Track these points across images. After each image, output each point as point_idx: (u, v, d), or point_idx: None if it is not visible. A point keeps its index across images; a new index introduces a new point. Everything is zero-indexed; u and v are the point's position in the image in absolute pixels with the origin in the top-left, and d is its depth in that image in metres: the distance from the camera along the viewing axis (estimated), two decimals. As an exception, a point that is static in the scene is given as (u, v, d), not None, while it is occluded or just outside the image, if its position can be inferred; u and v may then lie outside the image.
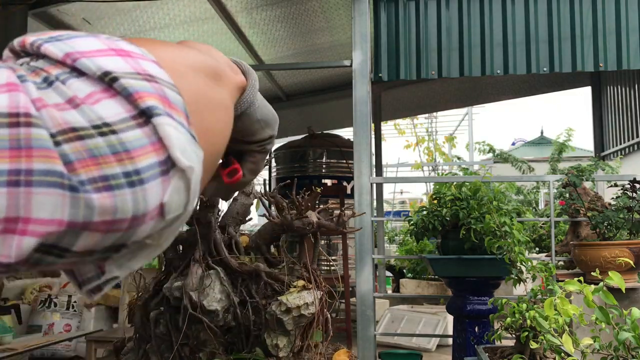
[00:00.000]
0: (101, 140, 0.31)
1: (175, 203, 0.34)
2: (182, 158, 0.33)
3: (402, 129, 12.28)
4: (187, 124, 0.35)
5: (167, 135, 0.33)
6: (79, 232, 0.30)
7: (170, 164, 0.33)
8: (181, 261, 1.31)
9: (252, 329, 1.31)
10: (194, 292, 1.23)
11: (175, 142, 0.33)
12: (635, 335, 1.46)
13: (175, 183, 0.34)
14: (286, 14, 4.82)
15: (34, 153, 0.29)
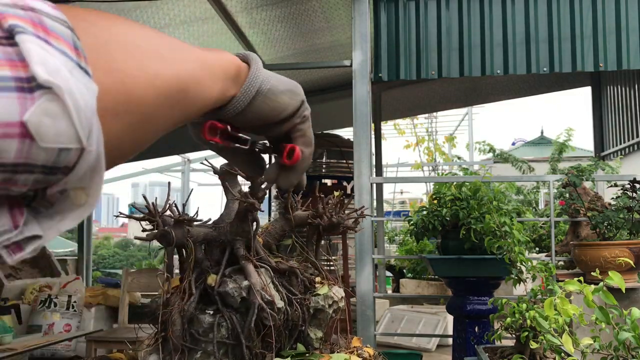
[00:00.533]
0: None
1: (50, 129, 0.33)
2: (44, 73, 0.32)
3: (402, 129, 12.28)
4: (75, 55, 0.34)
5: (27, 50, 0.32)
6: None
7: (35, 84, 0.32)
8: (210, 262, 1.30)
9: (300, 324, 1.33)
10: (264, 292, 1.23)
11: (36, 57, 0.32)
12: (635, 335, 1.46)
13: (43, 104, 0.32)
14: (286, 14, 4.82)
15: None
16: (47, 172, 0.35)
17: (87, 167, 0.36)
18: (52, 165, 0.34)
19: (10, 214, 0.36)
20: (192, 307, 1.22)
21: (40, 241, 0.37)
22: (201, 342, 1.21)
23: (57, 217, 0.37)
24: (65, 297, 5.20)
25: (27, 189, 0.35)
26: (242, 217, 1.28)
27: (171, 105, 0.47)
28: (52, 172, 0.35)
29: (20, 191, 0.35)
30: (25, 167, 0.33)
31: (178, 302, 1.21)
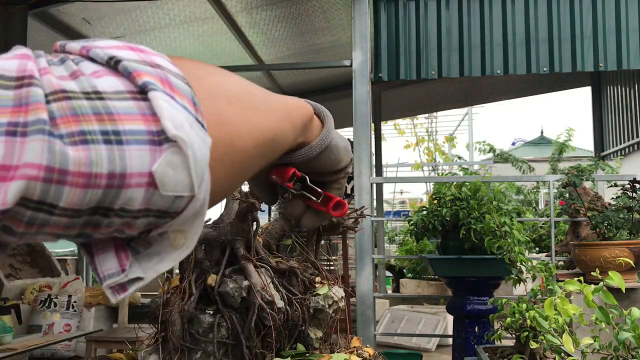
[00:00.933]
0: (86, 102, 0.33)
1: (172, 179, 0.35)
2: (173, 128, 0.34)
3: (402, 129, 12.28)
4: (194, 110, 0.37)
5: (159, 106, 0.34)
6: (60, 185, 0.32)
7: (163, 138, 0.34)
8: (210, 262, 1.29)
9: (300, 324, 1.33)
10: (264, 292, 1.23)
11: (166, 113, 0.34)
12: (635, 335, 1.46)
13: (168, 156, 0.35)
14: (286, 14, 4.82)
15: (30, 108, 0.31)
16: (159, 216, 0.37)
17: (193, 212, 0.38)
18: (165, 210, 0.37)
19: (117, 257, 0.38)
20: (192, 307, 1.22)
21: (141, 282, 0.39)
22: (201, 342, 1.21)
23: (155, 258, 0.39)
24: (65, 297, 5.20)
25: (137, 232, 0.37)
26: (242, 217, 1.28)
27: (263, 154, 0.49)
28: (163, 216, 0.37)
29: (131, 234, 0.38)
30: (145, 212, 0.36)
31: (178, 302, 1.21)
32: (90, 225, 0.35)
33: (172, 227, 0.39)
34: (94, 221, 0.35)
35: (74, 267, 7.54)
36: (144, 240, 0.39)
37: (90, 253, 0.39)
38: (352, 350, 1.46)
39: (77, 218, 0.34)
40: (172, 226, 0.38)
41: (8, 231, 0.34)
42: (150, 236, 0.39)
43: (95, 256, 0.39)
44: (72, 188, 0.32)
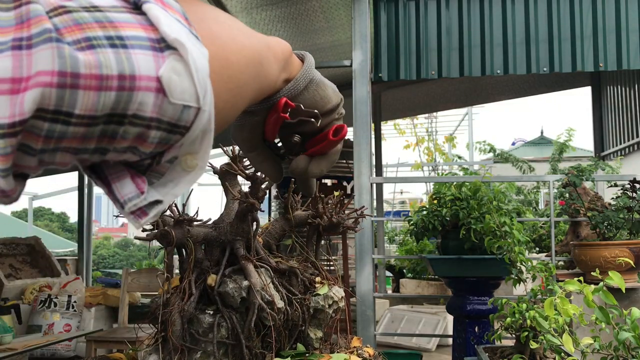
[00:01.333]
0: (86, 14, 0.34)
1: (177, 86, 0.36)
2: (171, 33, 0.36)
3: (402, 129, 12.28)
4: (187, 24, 0.38)
5: (155, 16, 0.36)
6: (74, 89, 0.32)
7: (164, 45, 0.36)
8: (210, 262, 1.29)
9: (300, 324, 1.33)
10: (264, 292, 1.24)
11: (163, 21, 0.36)
12: (635, 335, 1.46)
13: (171, 62, 0.36)
14: (286, 14, 4.82)
15: (32, 22, 0.32)
16: (169, 130, 0.38)
17: (201, 128, 0.40)
18: (175, 122, 0.38)
19: (134, 182, 0.40)
20: (192, 307, 1.22)
21: (161, 206, 0.41)
22: (201, 342, 1.21)
23: (169, 184, 0.41)
24: (65, 297, 5.20)
25: (150, 151, 0.39)
26: (242, 217, 1.28)
27: (254, 76, 0.52)
28: (174, 131, 0.38)
29: (144, 152, 0.39)
30: (156, 122, 0.37)
31: (178, 302, 1.21)
32: (106, 136, 0.36)
33: (182, 148, 0.40)
34: (110, 131, 0.36)
35: (74, 267, 7.54)
36: (156, 171, 0.41)
37: (107, 183, 0.40)
38: (352, 350, 1.46)
39: (93, 127, 0.35)
40: (182, 147, 0.40)
41: (26, 151, 0.34)
42: (161, 165, 0.41)
43: (112, 184, 0.40)
44: (86, 92, 0.33)
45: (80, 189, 7.85)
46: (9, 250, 6.12)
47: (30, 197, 13.94)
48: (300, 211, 1.49)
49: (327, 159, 0.70)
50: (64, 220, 30.59)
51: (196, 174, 0.42)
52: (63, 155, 0.36)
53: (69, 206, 33.16)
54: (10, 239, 6.29)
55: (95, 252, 19.58)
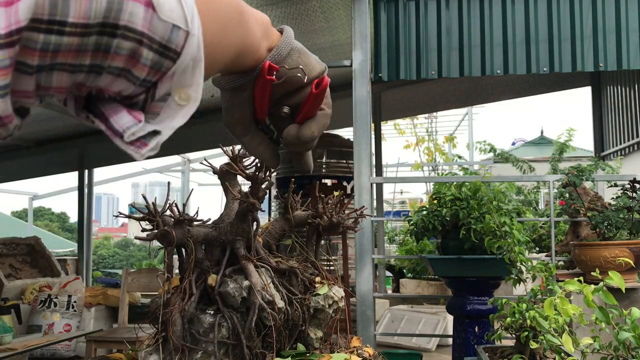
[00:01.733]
0: None
1: (166, 3, 0.38)
2: None
3: (402, 129, 12.27)
4: None
5: None
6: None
7: None
8: (210, 261, 1.30)
9: (300, 324, 1.33)
10: (265, 291, 1.24)
11: None
12: (635, 335, 1.46)
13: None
14: (286, 14, 4.82)
15: None
16: (161, 52, 0.39)
17: (191, 55, 0.41)
18: (166, 43, 0.39)
19: (131, 114, 0.41)
20: (193, 307, 1.22)
21: (160, 137, 0.42)
22: (202, 342, 1.21)
23: (166, 120, 0.42)
24: (65, 297, 5.20)
25: (143, 76, 0.40)
26: (242, 216, 1.28)
27: (237, 23, 0.53)
28: (165, 54, 0.39)
29: (138, 77, 0.40)
30: (148, 39, 0.38)
31: (179, 302, 1.21)
32: (100, 51, 0.37)
33: (175, 79, 0.41)
34: (104, 44, 0.37)
35: (74, 267, 7.55)
36: (152, 112, 0.42)
37: (104, 118, 0.41)
38: (352, 350, 1.46)
39: (87, 37, 0.36)
40: (175, 77, 0.41)
41: (23, 69, 0.35)
42: (156, 104, 0.42)
43: (109, 118, 0.41)
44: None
45: (80, 189, 7.86)
46: (9, 250, 6.12)
47: (30, 197, 13.94)
48: (300, 211, 1.50)
49: (317, 121, 0.69)
50: (64, 220, 30.59)
51: (190, 107, 0.42)
52: (60, 76, 0.37)
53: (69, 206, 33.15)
54: (10, 239, 6.29)
55: (95, 252, 19.59)
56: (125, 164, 9.48)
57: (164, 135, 0.42)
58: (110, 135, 0.42)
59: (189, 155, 11.62)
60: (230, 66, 0.57)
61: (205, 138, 7.20)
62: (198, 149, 7.81)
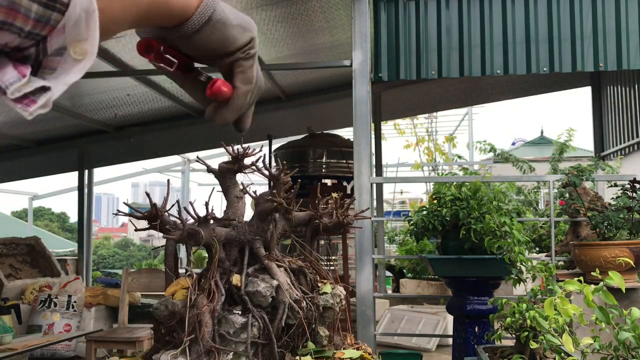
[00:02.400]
0: None
1: None
2: None
3: (402, 129, 12.27)
4: None
5: None
6: None
7: None
8: (229, 261, 1.30)
9: (312, 322, 1.34)
10: (291, 290, 1.24)
11: None
12: (635, 335, 1.46)
13: None
14: (286, 14, 4.82)
15: None
16: (45, 3, 0.38)
17: (82, 5, 0.39)
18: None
19: (16, 69, 0.40)
20: (220, 308, 1.22)
21: (50, 93, 0.40)
22: (232, 342, 1.21)
23: (61, 76, 0.41)
24: (65, 297, 5.20)
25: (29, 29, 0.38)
26: (264, 216, 1.29)
27: None
28: (51, 6, 0.38)
29: (23, 30, 0.38)
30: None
31: (206, 303, 1.21)
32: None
33: (68, 33, 0.40)
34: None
35: (74, 267, 7.54)
36: (48, 67, 0.41)
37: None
38: (358, 347, 1.47)
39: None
40: (67, 31, 0.40)
41: None
42: (51, 59, 0.41)
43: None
44: None
45: (80, 189, 7.85)
46: (9, 250, 6.12)
47: (30, 197, 13.93)
48: (296, 212, 1.50)
49: (228, 109, 0.67)
50: (64, 220, 30.59)
51: (87, 62, 0.41)
52: None
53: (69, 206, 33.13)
54: (10, 239, 6.29)
55: (95, 252, 19.59)
56: (125, 164, 9.47)
57: (56, 92, 0.40)
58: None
59: (189, 155, 11.61)
60: (143, 21, 0.54)
61: (205, 138, 7.21)
62: (198, 149, 7.81)
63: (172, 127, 7.14)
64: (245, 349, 1.21)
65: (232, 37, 0.64)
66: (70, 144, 7.64)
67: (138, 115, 6.95)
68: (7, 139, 7.02)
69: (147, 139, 7.37)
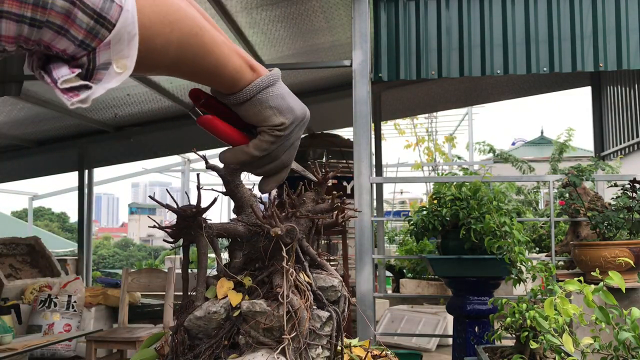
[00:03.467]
0: None
1: None
2: None
3: (402, 129, 12.27)
4: None
5: None
6: None
7: None
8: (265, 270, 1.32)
9: None
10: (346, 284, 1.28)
11: None
12: (635, 335, 1.46)
13: None
14: (286, 14, 4.82)
15: None
16: (96, 19, 0.46)
17: (126, 28, 0.48)
18: (99, 11, 0.46)
19: (69, 69, 0.48)
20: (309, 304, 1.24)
21: (91, 91, 0.49)
22: (317, 337, 1.22)
23: (103, 83, 0.50)
24: (65, 297, 5.20)
25: (82, 38, 0.47)
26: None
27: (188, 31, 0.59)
28: (100, 22, 0.47)
29: (77, 38, 0.46)
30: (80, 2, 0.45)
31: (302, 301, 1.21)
32: (39, 5, 0.43)
33: (113, 49, 0.48)
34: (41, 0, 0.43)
35: (74, 267, 7.55)
36: (95, 78, 0.49)
37: (49, 71, 0.48)
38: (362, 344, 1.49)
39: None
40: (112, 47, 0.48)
41: None
42: (99, 71, 0.49)
43: (53, 70, 0.48)
44: None
45: (80, 189, 7.86)
46: (9, 250, 6.12)
47: (30, 197, 13.93)
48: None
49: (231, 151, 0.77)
50: (64, 220, 30.59)
51: (125, 74, 0.51)
52: (7, 25, 0.43)
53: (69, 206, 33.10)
54: (10, 239, 6.28)
55: (95, 252, 19.59)
56: (125, 164, 9.47)
57: (96, 92, 0.49)
58: (52, 86, 0.48)
59: (189, 155, 11.62)
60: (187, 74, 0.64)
61: (205, 138, 7.19)
62: (198, 149, 7.81)
63: (172, 127, 7.14)
64: (327, 343, 1.22)
65: (264, 116, 0.73)
66: (70, 144, 7.64)
67: (138, 115, 6.95)
68: (7, 139, 7.02)
69: (147, 139, 7.37)
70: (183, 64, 0.61)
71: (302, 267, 1.27)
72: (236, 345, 1.21)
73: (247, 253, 1.30)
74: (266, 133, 0.74)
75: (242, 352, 1.17)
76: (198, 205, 1.22)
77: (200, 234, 1.21)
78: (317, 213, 1.30)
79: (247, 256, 1.30)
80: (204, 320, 1.20)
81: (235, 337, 1.20)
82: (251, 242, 1.29)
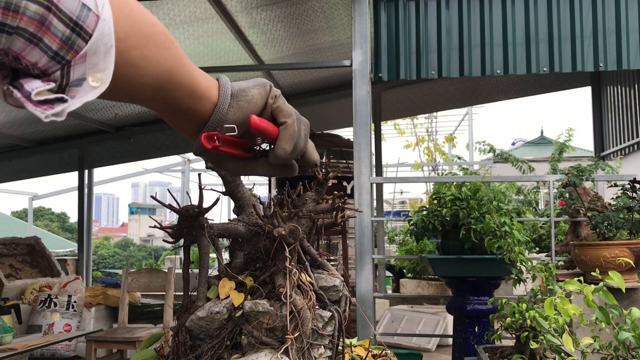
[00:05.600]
0: None
1: None
2: None
3: (402, 129, 12.27)
4: None
5: None
6: None
7: None
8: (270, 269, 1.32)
9: None
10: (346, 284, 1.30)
11: None
12: (635, 335, 1.46)
13: None
14: (286, 14, 4.82)
15: None
16: (72, 28, 0.43)
17: (102, 40, 0.46)
18: (76, 19, 0.43)
19: (42, 81, 0.45)
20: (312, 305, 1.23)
21: (66, 104, 0.46)
22: (320, 337, 1.22)
23: (79, 97, 0.47)
24: (65, 297, 5.20)
25: (56, 48, 0.43)
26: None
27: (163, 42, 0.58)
28: (76, 31, 0.44)
29: (50, 48, 0.43)
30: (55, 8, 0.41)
31: (305, 301, 1.21)
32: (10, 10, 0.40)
33: (88, 62, 0.46)
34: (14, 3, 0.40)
35: (74, 267, 7.55)
36: (69, 96, 0.46)
37: (20, 85, 0.44)
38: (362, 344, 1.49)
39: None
40: (88, 59, 0.46)
41: None
42: (72, 88, 0.46)
43: (24, 84, 0.44)
44: None
45: (80, 189, 7.86)
46: (9, 250, 6.12)
47: (30, 197, 13.93)
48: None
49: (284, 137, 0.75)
50: (64, 220, 30.59)
51: (102, 88, 0.48)
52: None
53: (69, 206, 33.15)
54: (10, 239, 6.29)
55: (95, 252, 19.59)
56: (125, 164, 9.48)
57: (72, 105, 0.46)
58: (23, 100, 0.44)
59: (189, 155, 11.62)
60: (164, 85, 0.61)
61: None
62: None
63: (172, 127, 7.13)
64: (329, 342, 1.22)
65: (256, 94, 0.73)
66: (70, 144, 7.64)
67: (138, 115, 6.95)
68: (7, 139, 7.02)
69: (147, 139, 7.37)
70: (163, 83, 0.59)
71: (303, 267, 1.27)
72: (238, 345, 1.21)
73: (248, 253, 1.30)
74: (273, 104, 0.74)
75: (244, 352, 1.17)
76: (200, 205, 1.21)
77: (202, 234, 1.21)
78: (319, 213, 1.30)
79: (248, 256, 1.30)
80: (206, 320, 1.19)
81: (238, 338, 1.20)
82: (252, 242, 1.28)
